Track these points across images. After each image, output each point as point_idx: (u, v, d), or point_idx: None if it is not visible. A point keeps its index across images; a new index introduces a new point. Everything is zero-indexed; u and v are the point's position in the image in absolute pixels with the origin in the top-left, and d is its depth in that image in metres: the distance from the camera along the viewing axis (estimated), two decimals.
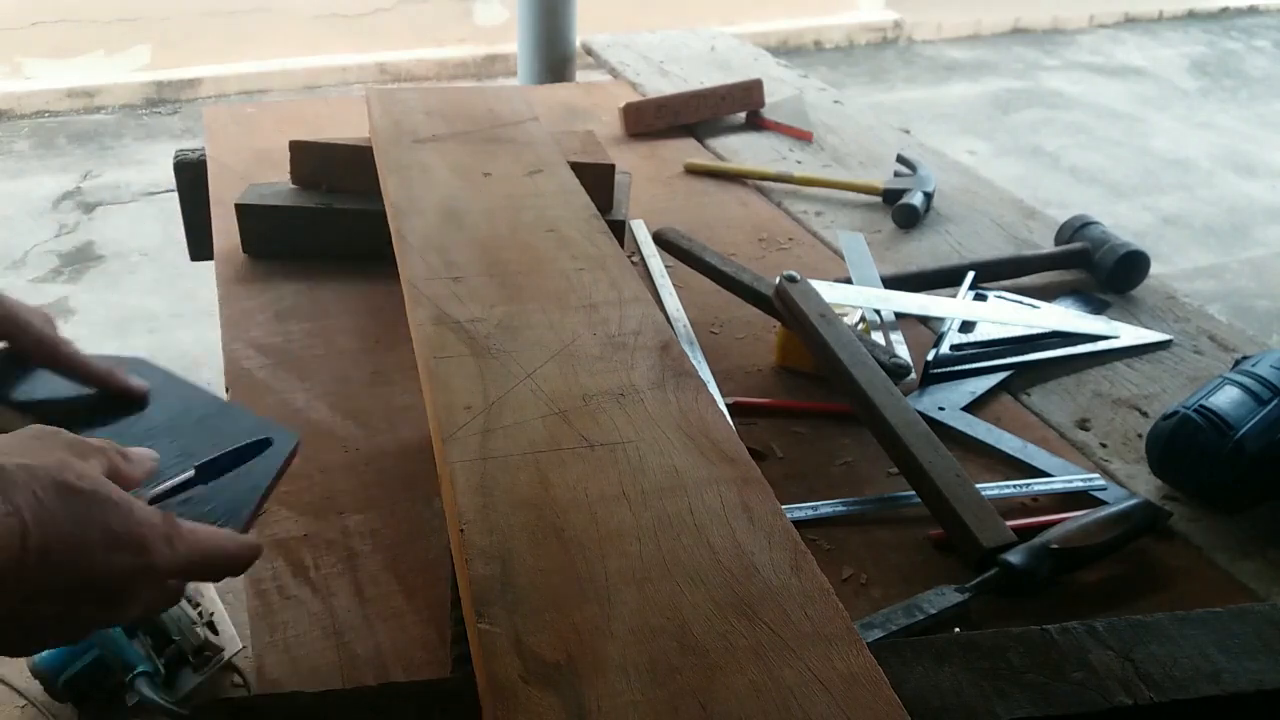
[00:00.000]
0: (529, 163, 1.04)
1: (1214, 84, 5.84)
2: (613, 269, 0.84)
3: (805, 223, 1.37)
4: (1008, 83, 5.69)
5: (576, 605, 0.53)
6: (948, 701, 0.61)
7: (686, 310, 1.12)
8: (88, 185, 3.86)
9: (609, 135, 1.60)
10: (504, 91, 1.27)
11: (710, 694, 0.49)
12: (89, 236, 3.50)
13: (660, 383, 0.70)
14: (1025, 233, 1.36)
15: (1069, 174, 4.48)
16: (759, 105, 1.69)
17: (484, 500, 0.60)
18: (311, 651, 0.68)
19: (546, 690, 0.48)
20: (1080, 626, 0.67)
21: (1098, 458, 0.93)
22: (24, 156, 4.11)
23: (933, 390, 1.00)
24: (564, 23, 2.74)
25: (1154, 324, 1.14)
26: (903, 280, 1.18)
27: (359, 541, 0.78)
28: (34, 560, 0.46)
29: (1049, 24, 6.76)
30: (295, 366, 0.98)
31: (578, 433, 0.65)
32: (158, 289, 3.18)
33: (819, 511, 0.83)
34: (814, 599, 0.54)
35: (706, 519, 0.59)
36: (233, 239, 1.17)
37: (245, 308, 1.08)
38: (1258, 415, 0.84)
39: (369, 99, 1.19)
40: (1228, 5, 7.39)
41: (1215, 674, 0.64)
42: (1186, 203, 4.24)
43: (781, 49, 5.89)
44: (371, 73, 5.31)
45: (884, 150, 1.60)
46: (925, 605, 0.72)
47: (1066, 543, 0.76)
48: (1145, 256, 1.21)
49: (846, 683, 0.50)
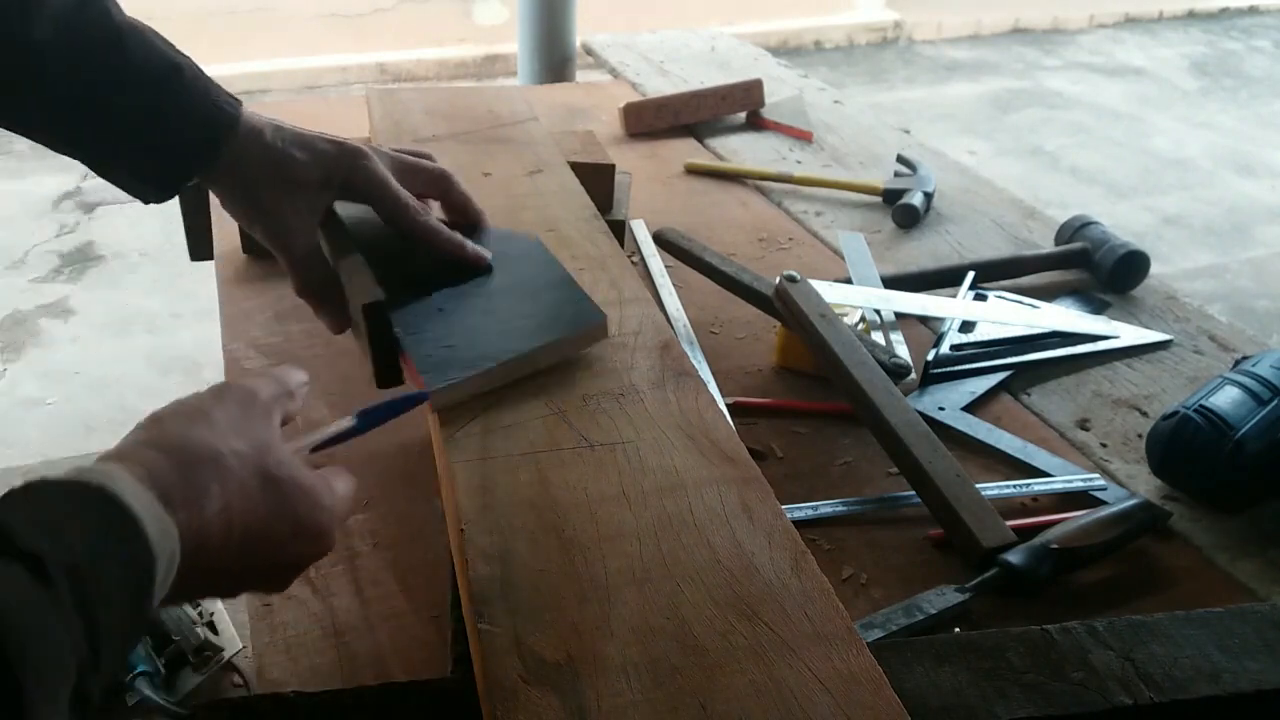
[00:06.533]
0: (529, 163, 1.04)
1: (1214, 84, 5.84)
2: (613, 269, 0.84)
3: (805, 223, 1.37)
4: (1008, 83, 5.69)
5: (576, 605, 0.53)
6: (948, 701, 0.61)
7: (686, 310, 1.12)
8: (88, 185, 3.86)
9: (609, 135, 1.60)
10: (504, 91, 1.27)
11: (710, 694, 0.49)
12: (89, 236, 3.51)
13: (660, 383, 0.70)
14: (1025, 233, 1.36)
15: (1069, 174, 4.48)
16: (759, 105, 1.69)
17: (484, 500, 0.60)
18: (311, 651, 0.68)
19: (546, 690, 0.48)
20: (1080, 626, 0.67)
21: (1098, 458, 0.93)
22: (24, 156, 4.11)
23: (933, 390, 1.00)
24: (564, 23, 2.74)
25: (1154, 324, 1.14)
26: (903, 280, 1.18)
27: (359, 541, 0.78)
28: (235, 548, 0.48)
29: (1049, 24, 6.76)
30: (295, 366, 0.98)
31: (578, 433, 0.65)
32: (158, 289, 3.18)
33: (819, 511, 0.83)
34: (814, 599, 0.54)
35: (706, 519, 0.59)
36: (233, 239, 1.17)
37: (245, 308, 1.08)
38: (1258, 415, 0.84)
39: (369, 99, 1.19)
40: (1228, 5, 7.38)
41: (1215, 674, 0.64)
42: (1186, 203, 4.24)
43: (781, 49, 5.89)
44: (371, 73, 5.30)
45: (884, 150, 1.60)
46: (925, 605, 0.72)
47: (1066, 543, 0.76)
48: (1145, 256, 1.21)
49: (846, 683, 0.50)
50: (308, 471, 0.53)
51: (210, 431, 0.50)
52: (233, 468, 0.49)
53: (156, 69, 0.69)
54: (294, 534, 0.51)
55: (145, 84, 0.69)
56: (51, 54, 0.66)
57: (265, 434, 0.52)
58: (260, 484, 0.50)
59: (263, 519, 0.50)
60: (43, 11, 0.65)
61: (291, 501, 0.51)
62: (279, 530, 0.51)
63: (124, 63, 0.68)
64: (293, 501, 0.51)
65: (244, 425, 0.52)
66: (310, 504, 0.52)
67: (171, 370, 2.78)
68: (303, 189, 0.73)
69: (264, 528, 0.50)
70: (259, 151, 0.72)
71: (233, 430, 0.51)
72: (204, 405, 0.52)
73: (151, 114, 0.69)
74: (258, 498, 0.49)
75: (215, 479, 0.48)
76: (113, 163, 0.72)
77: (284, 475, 0.51)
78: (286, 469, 0.52)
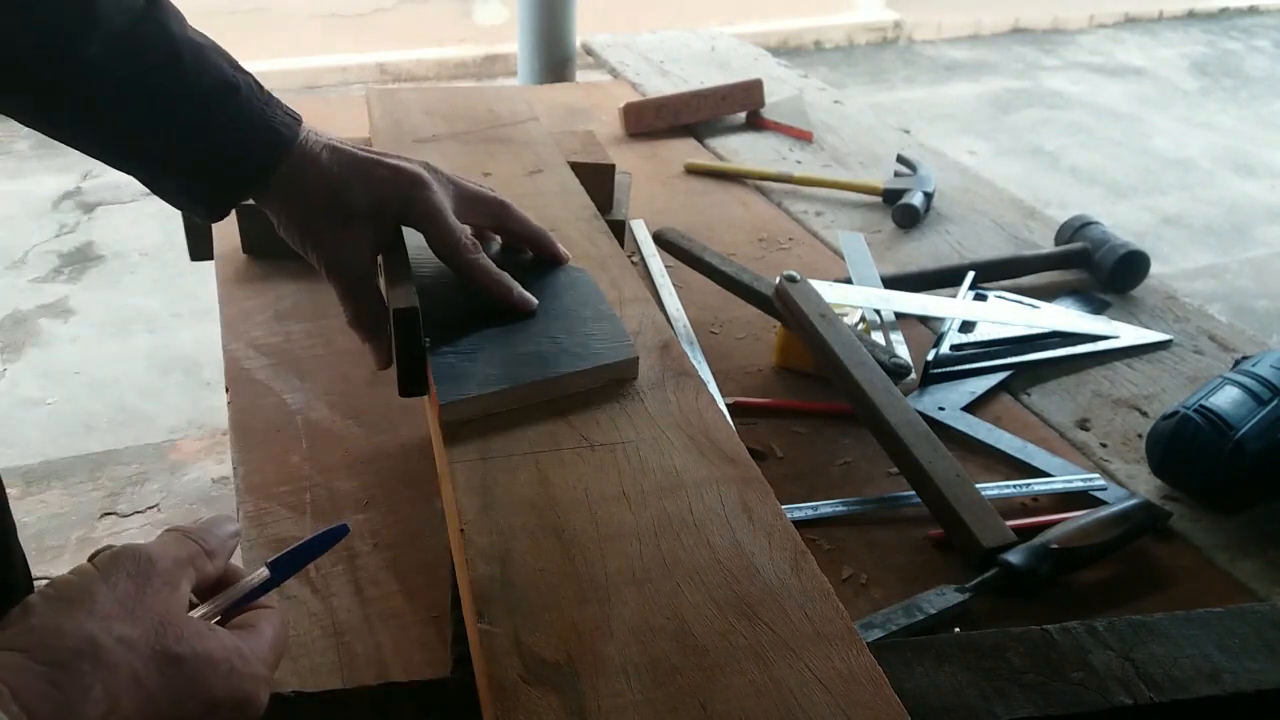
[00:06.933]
0: (529, 163, 1.04)
1: (1214, 84, 5.84)
2: (613, 269, 0.84)
3: (805, 223, 1.37)
4: (1008, 83, 5.69)
5: (576, 605, 0.53)
6: (948, 701, 0.61)
7: (686, 310, 1.12)
8: (88, 185, 3.86)
9: (609, 135, 1.60)
10: (504, 91, 1.27)
11: (710, 694, 0.49)
12: (89, 236, 3.51)
13: (660, 383, 0.70)
14: (1025, 233, 1.36)
15: (1069, 174, 4.48)
16: (759, 105, 1.69)
17: (484, 500, 0.60)
18: (311, 651, 0.68)
19: (546, 690, 0.48)
20: (1080, 626, 0.67)
21: (1098, 458, 0.93)
22: (24, 156, 4.11)
23: (933, 390, 1.00)
24: (564, 23, 2.74)
25: (1154, 324, 1.14)
26: (903, 280, 1.18)
27: (359, 541, 0.78)
28: None
29: (1049, 24, 6.76)
30: (295, 366, 0.98)
31: (578, 433, 0.65)
32: (158, 289, 3.18)
33: (819, 511, 0.83)
34: (814, 599, 0.54)
35: (706, 519, 0.59)
36: (233, 239, 1.17)
37: (245, 308, 1.08)
38: (1258, 415, 0.84)
39: (369, 99, 1.19)
40: (1228, 5, 7.38)
41: (1215, 674, 0.64)
42: (1186, 203, 4.24)
43: (781, 49, 5.89)
44: (371, 73, 5.30)
45: (884, 150, 1.60)
46: (925, 605, 0.72)
47: (1066, 543, 0.76)
48: (1145, 256, 1.21)
49: (846, 683, 0.50)
50: (220, 637, 0.47)
51: (89, 618, 0.43)
52: (119, 659, 0.42)
53: (211, 88, 0.69)
54: (208, 711, 0.46)
55: (199, 103, 0.68)
56: (105, 72, 0.65)
57: (164, 607, 0.46)
58: (158, 668, 0.44)
59: (165, 708, 0.44)
60: (97, 29, 0.65)
61: (201, 679, 0.45)
62: (189, 711, 0.45)
63: (178, 81, 0.68)
64: (202, 678, 0.45)
65: (136, 601, 0.45)
66: (225, 674, 0.46)
67: (171, 370, 2.78)
68: (357, 217, 0.72)
69: (171, 715, 0.44)
70: (314, 176, 0.71)
71: (121, 610, 0.44)
72: (86, 583, 0.45)
73: (204, 133, 0.69)
74: (155, 685, 0.43)
75: (96, 677, 0.41)
76: (164, 181, 0.72)
77: (187, 652, 0.45)
78: (190, 644, 0.45)
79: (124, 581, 0.45)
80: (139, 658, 0.43)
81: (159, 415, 2.60)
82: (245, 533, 0.78)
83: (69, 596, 0.44)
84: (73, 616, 0.43)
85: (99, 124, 0.68)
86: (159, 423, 2.57)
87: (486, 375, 0.67)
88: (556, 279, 0.78)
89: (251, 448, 0.87)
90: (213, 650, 0.46)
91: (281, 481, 0.83)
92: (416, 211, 0.73)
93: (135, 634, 0.44)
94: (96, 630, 0.42)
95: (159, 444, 2.48)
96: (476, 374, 0.67)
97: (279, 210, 0.73)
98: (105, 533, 2.20)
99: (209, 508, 2.26)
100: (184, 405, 2.64)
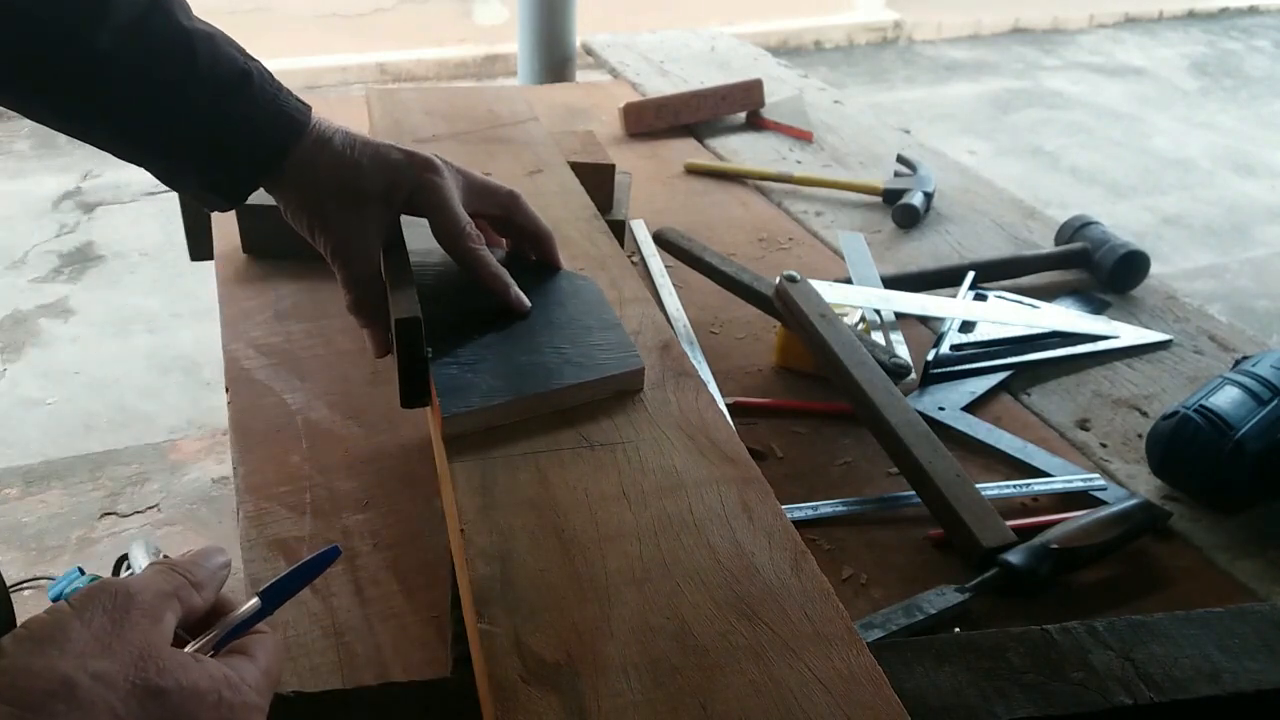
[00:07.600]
0: (529, 163, 1.04)
1: (1214, 84, 5.84)
2: (613, 269, 0.84)
3: (805, 223, 1.37)
4: (1008, 83, 5.69)
5: (576, 605, 0.53)
6: (948, 701, 0.61)
7: (686, 310, 1.12)
8: (88, 185, 3.86)
9: (609, 135, 1.60)
10: (504, 91, 1.27)
11: (710, 694, 0.49)
12: (89, 236, 3.50)
13: (660, 383, 0.70)
14: (1025, 233, 1.36)
15: (1069, 174, 4.48)
16: (759, 105, 1.69)
17: (484, 500, 0.60)
18: (311, 651, 0.68)
19: (546, 690, 0.48)
20: (1080, 626, 0.67)
21: (1098, 458, 0.93)
22: (24, 156, 4.11)
23: (933, 390, 1.00)
24: (564, 23, 2.74)
25: (1154, 324, 1.14)
26: (903, 280, 1.18)
27: (359, 541, 0.78)
28: None
29: (1049, 24, 6.76)
30: (295, 366, 0.98)
31: (578, 433, 0.65)
32: (158, 289, 3.18)
33: (819, 511, 0.83)
34: (814, 599, 0.54)
35: (706, 519, 0.59)
36: (233, 239, 1.17)
37: (245, 308, 1.08)
38: (1258, 415, 0.84)
39: (369, 99, 1.19)
40: (1228, 5, 7.38)
41: (1215, 674, 0.64)
42: (1186, 203, 4.24)
43: (781, 49, 5.89)
44: (371, 73, 5.31)
45: (884, 150, 1.60)
46: (925, 605, 0.72)
47: (1066, 543, 0.76)
48: (1145, 256, 1.21)
49: (846, 683, 0.50)
50: (208, 667, 0.45)
51: (62, 656, 0.41)
52: (95, 696, 0.40)
53: (224, 76, 0.69)
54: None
55: (214, 91, 0.69)
56: (117, 64, 0.66)
57: (143, 640, 0.44)
58: (140, 703, 0.42)
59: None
60: (107, 22, 0.65)
61: (186, 712, 0.43)
62: None
63: (190, 70, 0.68)
64: (188, 711, 0.43)
65: (113, 636, 0.43)
66: (213, 705, 0.44)
67: (171, 370, 2.78)
68: (369, 201, 0.72)
69: None
70: (328, 158, 0.72)
71: (97, 645, 0.42)
72: (60, 621, 0.43)
73: (220, 121, 0.69)
74: None
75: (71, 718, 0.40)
76: (180, 170, 0.72)
77: (170, 684, 0.43)
78: (174, 676, 0.43)
79: (99, 616, 0.44)
80: (116, 694, 0.41)
81: (159, 415, 2.60)
82: (245, 533, 0.78)
83: (41, 636, 0.42)
84: (44, 655, 0.41)
85: (113, 115, 0.68)
86: (159, 423, 2.57)
87: (490, 387, 0.66)
88: (561, 287, 0.78)
89: (251, 448, 0.87)
90: (199, 681, 0.44)
91: (281, 481, 0.83)
92: (425, 197, 0.73)
93: (113, 669, 0.42)
94: (70, 668, 0.41)
95: (159, 444, 2.48)
96: (480, 386, 0.66)
97: (292, 194, 0.73)
98: (105, 533, 2.20)
99: (209, 508, 2.25)
100: (184, 405, 2.64)
